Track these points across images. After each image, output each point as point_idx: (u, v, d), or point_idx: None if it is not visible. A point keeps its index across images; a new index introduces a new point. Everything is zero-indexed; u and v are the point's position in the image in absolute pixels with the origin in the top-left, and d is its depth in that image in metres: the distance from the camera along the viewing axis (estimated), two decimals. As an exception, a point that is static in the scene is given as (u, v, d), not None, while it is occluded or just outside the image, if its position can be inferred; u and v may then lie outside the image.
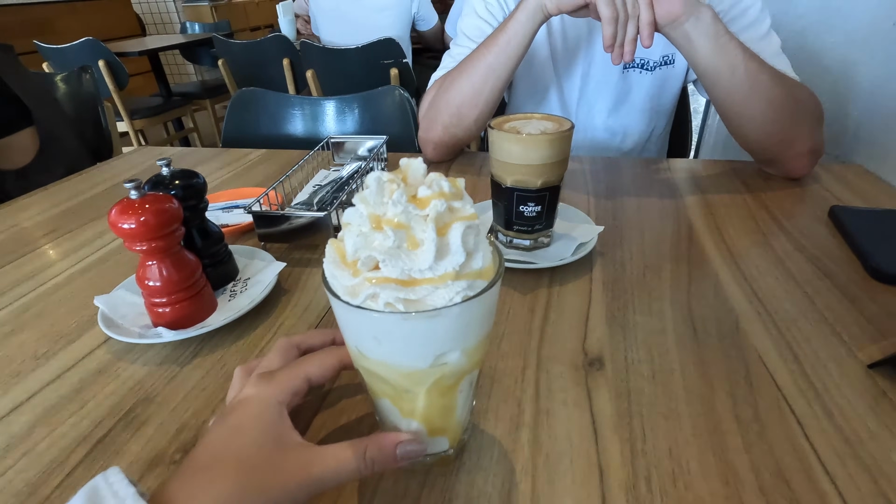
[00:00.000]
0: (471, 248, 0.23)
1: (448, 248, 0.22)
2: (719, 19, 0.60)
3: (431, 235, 0.22)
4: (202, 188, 0.48)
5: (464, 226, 0.22)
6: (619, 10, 0.59)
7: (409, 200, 0.23)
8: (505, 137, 0.47)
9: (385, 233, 0.22)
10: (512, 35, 0.68)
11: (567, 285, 0.50)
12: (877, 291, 0.47)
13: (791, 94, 0.63)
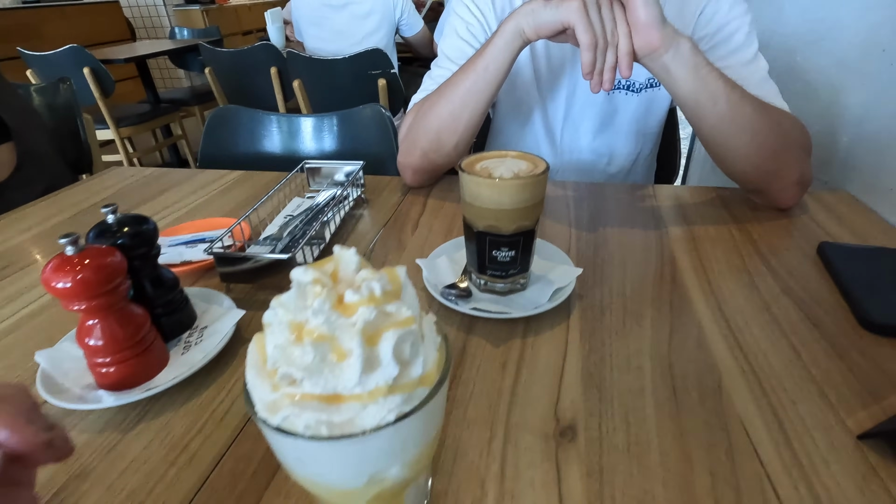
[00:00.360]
0: (406, 357, 0.20)
1: (378, 361, 0.20)
2: (699, 50, 0.57)
3: (358, 350, 0.19)
4: (152, 234, 0.45)
5: (397, 335, 0.20)
6: (598, 36, 0.56)
7: (335, 306, 0.20)
8: (475, 181, 0.44)
9: (304, 347, 0.19)
10: (490, 60, 0.65)
11: (542, 335, 0.47)
12: (867, 344, 0.44)
13: (776, 124, 0.61)
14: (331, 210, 0.66)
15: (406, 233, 0.67)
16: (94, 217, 0.78)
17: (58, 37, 3.64)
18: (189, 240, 0.64)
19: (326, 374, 0.19)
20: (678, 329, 0.47)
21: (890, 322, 0.45)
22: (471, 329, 0.48)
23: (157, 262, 0.46)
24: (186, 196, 0.84)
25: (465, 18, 0.79)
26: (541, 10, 0.58)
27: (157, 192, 0.86)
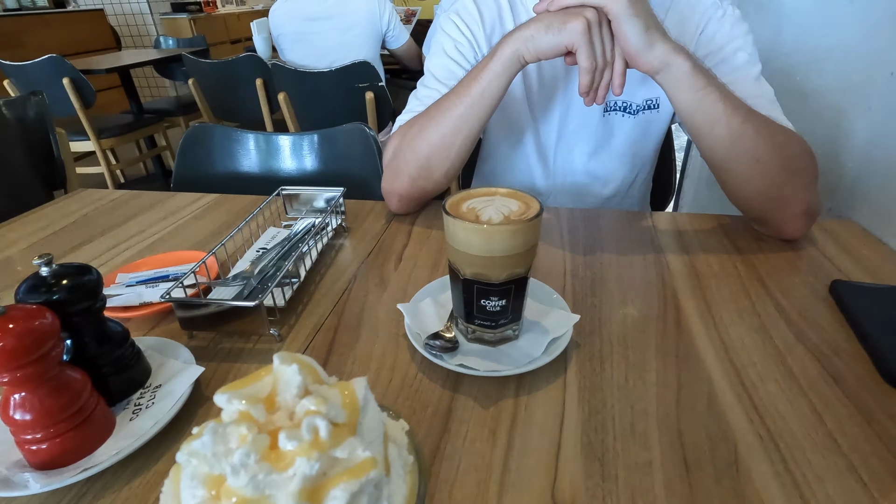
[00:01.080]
0: (362, 513, 0.15)
1: (324, 526, 0.15)
2: (698, 72, 0.54)
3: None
4: (95, 286, 0.40)
5: (349, 491, 0.15)
6: (598, 59, 0.55)
7: (264, 457, 0.15)
8: (461, 226, 0.40)
9: (221, 516, 0.14)
10: (486, 85, 0.61)
11: (537, 393, 0.42)
12: (893, 403, 0.40)
13: (781, 149, 0.57)
14: (308, 242, 0.61)
15: (388, 268, 0.62)
16: (53, 246, 0.72)
17: (40, 46, 3.56)
18: (151, 277, 0.59)
19: (253, 548, 0.14)
20: (686, 385, 0.43)
21: (918, 379, 0.41)
22: (457, 386, 0.43)
23: (101, 315, 0.41)
24: (156, 223, 0.78)
25: (454, 36, 0.75)
26: (542, 36, 0.56)
27: (125, 217, 0.81)
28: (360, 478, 0.15)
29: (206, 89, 2.34)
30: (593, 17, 0.53)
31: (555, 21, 0.55)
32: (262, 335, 0.50)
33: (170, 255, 0.64)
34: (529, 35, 0.57)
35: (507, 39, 0.59)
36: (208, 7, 5.56)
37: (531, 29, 0.57)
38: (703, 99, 0.55)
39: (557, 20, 0.55)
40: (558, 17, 0.55)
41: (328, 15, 1.82)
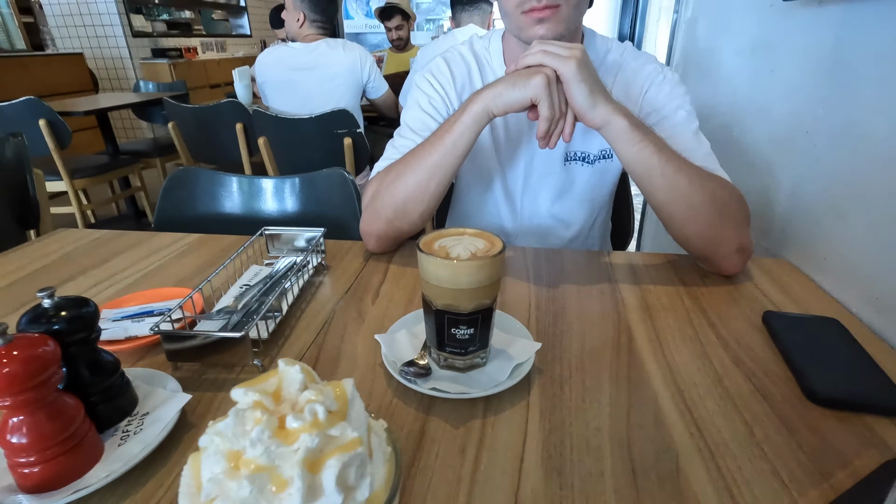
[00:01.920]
0: (351, 482, 0.19)
1: (321, 490, 0.19)
2: (636, 128, 0.63)
3: (299, 482, 0.18)
4: (92, 318, 0.43)
5: (341, 461, 0.19)
6: (556, 110, 0.63)
7: (275, 433, 0.19)
8: (433, 262, 0.45)
9: (240, 481, 0.18)
10: (458, 136, 0.68)
11: (502, 414, 0.46)
12: (814, 417, 0.46)
13: (713, 196, 0.65)
14: (289, 279, 0.65)
15: (366, 303, 0.66)
16: (34, 285, 0.74)
17: (17, 87, 3.57)
18: (136, 312, 0.61)
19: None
20: (636, 405, 0.47)
21: (831, 395, 0.47)
22: (430, 409, 0.47)
23: (96, 345, 0.44)
24: (138, 261, 0.80)
25: (428, 93, 0.83)
26: (509, 91, 0.63)
27: (106, 256, 0.83)
28: (350, 452, 0.19)
29: (186, 132, 2.38)
30: (552, 74, 0.61)
31: (519, 79, 0.63)
32: (246, 366, 0.53)
33: (154, 291, 0.67)
34: (497, 92, 0.65)
35: (477, 96, 0.67)
36: (189, 53, 5.69)
37: (499, 87, 0.65)
38: (640, 151, 0.63)
39: (522, 77, 0.63)
40: (523, 75, 0.63)
41: (312, 65, 1.92)
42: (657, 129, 0.76)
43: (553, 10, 0.68)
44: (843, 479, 0.40)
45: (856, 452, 0.42)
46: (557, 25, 0.69)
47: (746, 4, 1.01)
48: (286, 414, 0.20)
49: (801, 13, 0.81)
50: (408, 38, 2.94)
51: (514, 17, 0.72)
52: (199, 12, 6.30)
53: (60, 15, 4.77)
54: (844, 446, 0.43)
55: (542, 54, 0.62)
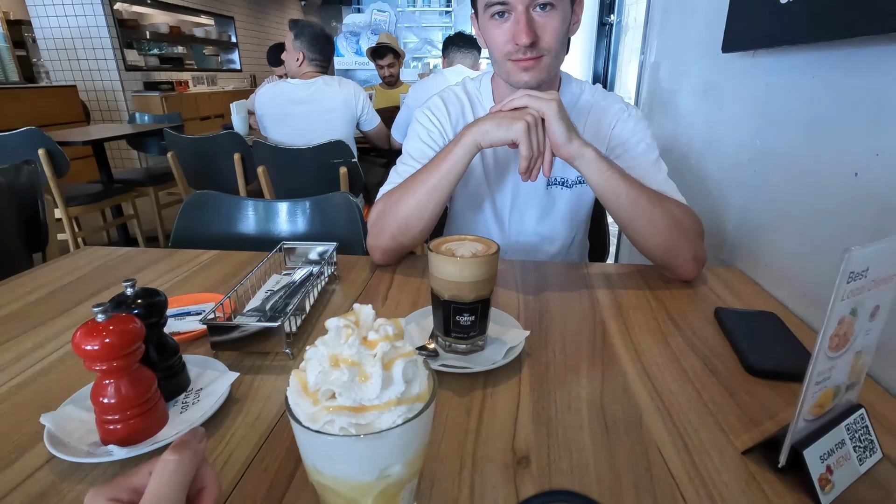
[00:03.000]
0: (409, 377, 0.29)
1: (391, 380, 0.28)
2: (602, 158, 0.75)
3: (378, 371, 0.28)
4: (163, 306, 0.52)
5: (404, 362, 0.29)
6: (534, 150, 0.74)
7: (362, 343, 0.29)
8: (442, 259, 0.55)
9: (341, 370, 0.28)
10: (451, 164, 0.80)
11: (499, 386, 0.56)
12: (751, 385, 0.57)
13: (669, 214, 0.78)
14: (308, 286, 0.74)
15: (377, 305, 0.76)
16: (71, 295, 0.81)
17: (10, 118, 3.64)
18: (176, 313, 0.70)
19: (355, 390, 0.28)
20: (608, 378, 0.58)
21: (765, 367, 0.58)
22: (439, 383, 0.56)
23: (163, 330, 0.53)
24: (164, 274, 0.89)
25: (427, 127, 0.95)
26: (494, 130, 0.75)
27: (134, 269, 0.91)
28: (409, 357, 0.29)
29: (184, 162, 2.48)
30: (532, 120, 0.73)
31: (504, 120, 0.74)
32: (278, 353, 0.62)
33: (187, 296, 0.76)
34: (485, 129, 0.76)
35: (468, 130, 0.78)
36: (180, 87, 5.83)
37: (486, 124, 0.77)
38: (608, 178, 0.75)
39: (506, 120, 0.74)
40: (507, 117, 0.75)
41: (310, 100, 2.05)
42: (623, 157, 0.89)
43: (536, 60, 0.81)
44: (770, 426, 0.50)
45: (781, 409, 0.53)
46: (540, 73, 0.82)
47: (698, 53, 1.18)
48: (366, 333, 0.30)
49: (739, 62, 0.96)
50: (398, 75, 3.12)
51: (502, 64, 0.85)
52: (191, 47, 6.49)
53: (55, 49, 4.89)
54: (773, 405, 0.53)
55: (527, 98, 0.74)
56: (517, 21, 0.79)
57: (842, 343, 0.41)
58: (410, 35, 4.75)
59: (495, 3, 0.79)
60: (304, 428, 0.28)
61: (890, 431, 0.49)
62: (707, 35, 1.09)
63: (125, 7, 5.23)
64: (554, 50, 0.82)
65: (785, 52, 0.81)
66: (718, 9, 0.98)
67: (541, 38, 0.80)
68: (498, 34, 0.82)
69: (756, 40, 0.84)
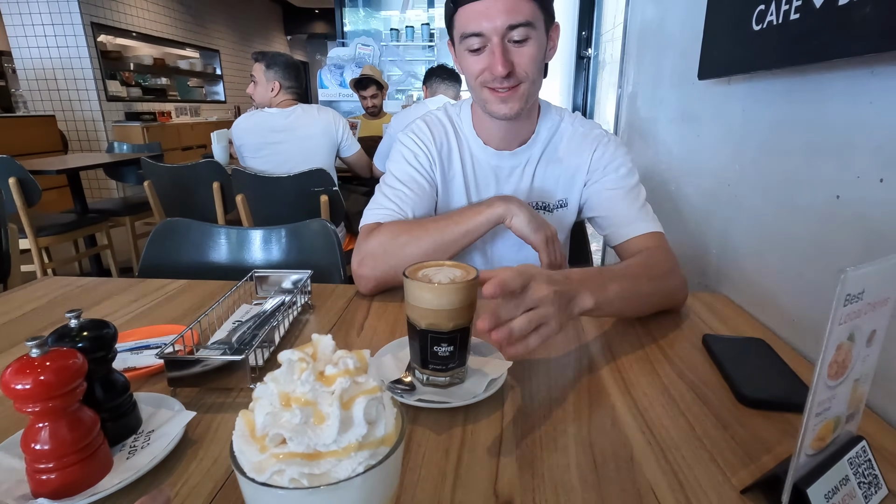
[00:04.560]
0: (373, 417, 0.26)
1: (351, 421, 0.25)
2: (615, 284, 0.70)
3: (336, 411, 0.24)
4: (111, 339, 0.47)
5: (367, 399, 0.25)
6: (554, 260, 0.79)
7: (317, 378, 0.25)
8: (418, 286, 0.52)
9: (293, 411, 0.24)
10: (472, 228, 0.80)
11: (480, 422, 0.52)
12: (744, 416, 0.54)
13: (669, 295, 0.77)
14: (279, 316, 0.70)
15: (352, 335, 0.72)
16: (24, 328, 0.76)
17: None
18: (134, 346, 0.65)
19: (309, 434, 0.24)
20: (596, 411, 0.54)
21: (757, 397, 0.55)
22: (416, 419, 0.52)
23: (111, 365, 0.48)
24: (127, 304, 0.84)
25: (413, 150, 0.94)
26: (523, 223, 0.78)
27: (93, 301, 0.86)
28: (373, 394, 0.26)
29: (162, 191, 2.43)
30: (551, 234, 0.78)
31: (534, 222, 0.78)
32: (242, 389, 0.57)
33: (148, 328, 0.71)
34: (516, 213, 0.79)
35: (502, 203, 0.80)
36: (163, 117, 5.82)
37: (521, 212, 0.79)
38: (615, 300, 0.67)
39: (536, 224, 0.78)
40: (537, 221, 0.78)
41: (289, 127, 2.04)
42: (602, 182, 0.89)
43: (513, 89, 0.81)
44: (767, 461, 0.47)
45: (778, 441, 0.50)
46: (518, 102, 0.82)
47: (674, 82, 1.20)
48: (324, 367, 0.26)
49: (715, 89, 0.98)
50: (381, 106, 3.15)
51: (479, 91, 0.84)
52: (175, 79, 6.51)
53: (35, 79, 4.85)
54: (768, 436, 0.50)
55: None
56: (492, 52, 0.78)
57: (840, 370, 0.39)
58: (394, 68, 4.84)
59: (470, 35, 0.79)
60: (248, 480, 0.24)
61: (893, 464, 0.47)
62: (682, 65, 1.11)
63: (109, 39, 5.25)
64: (531, 76, 0.82)
65: (760, 78, 0.83)
66: (693, 39, 1.00)
67: (517, 67, 0.80)
68: (474, 63, 0.82)
69: (730, 67, 0.86)
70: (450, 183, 0.96)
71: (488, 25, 0.76)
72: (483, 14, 0.76)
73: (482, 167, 0.96)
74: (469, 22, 0.78)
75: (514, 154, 0.94)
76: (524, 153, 0.94)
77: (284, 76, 2.09)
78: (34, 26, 4.73)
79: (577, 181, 0.94)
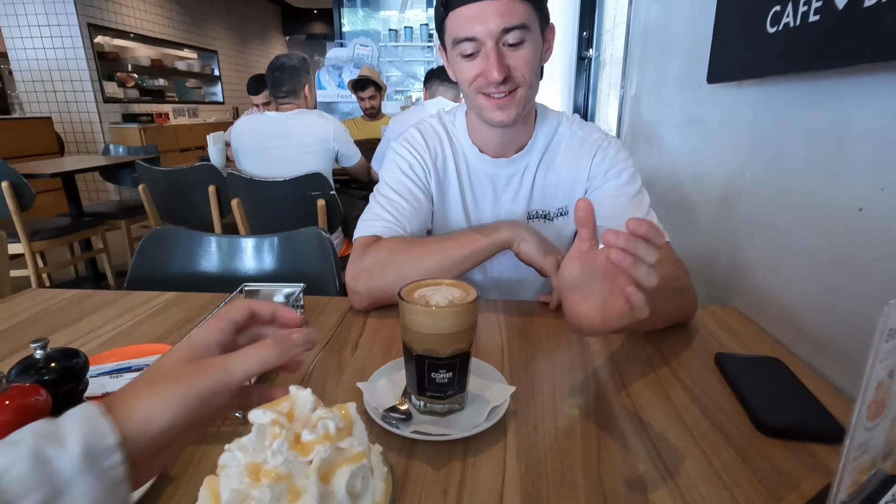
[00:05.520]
0: (358, 490, 0.22)
1: (332, 496, 0.21)
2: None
3: (314, 486, 0.21)
4: (81, 369, 0.44)
5: (350, 470, 0.22)
6: None
7: (292, 446, 0.22)
8: (414, 309, 0.49)
9: (262, 488, 0.21)
10: (477, 251, 0.77)
11: (481, 455, 0.49)
12: (764, 446, 0.50)
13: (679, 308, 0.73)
14: (270, 333, 0.66)
15: (345, 354, 0.68)
16: (3, 346, 0.72)
17: (-24, 149, 3.52)
18: (114, 369, 0.61)
19: (282, 514, 0.21)
20: (606, 442, 0.51)
21: (777, 426, 0.52)
22: (412, 452, 0.49)
23: (82, 398, 0.44)
24: (113, 319, 0.80)
25: (407, 159, 0.90)
26: (532, 249, 0.77)
27: (79, 315, 0.82)
28: (357, 463, 0.22)
29: (157, 195, 2.39)
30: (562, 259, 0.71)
31: (543, 246, 0.76)
32: (228, 417, 0.54)
33: (131, 347, 0.67)
34: (525, 238, 0.77)
35: (508, 227, 0.78)
36: (160, 118, 5.78)
37: (530, 237, 0.77)
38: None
39: (545, 248, 0.76)
40: (546, 246, 0.76)
41: (285, 132, 2.00)
42: (603, 189, 0.86)
43: (510, 95, 0.77)
44: (794, 501, 0.43)
45: (803, 477, 0.46)
46: (515, 108, 0.78)
47: (679, 85, 1.16)
48: (301, 430, 0.23)
49: (723, 93, 0.94)
50: (379, 108, 3.11)
51: (473, 98, 0.81)
52: (172, 80, 6.48)
53: (31, 81, 4.81)
54: (793, 472, 0.47)
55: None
56: (487, 57, 0.75)
57: (878, 410, 0.35)
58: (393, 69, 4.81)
59: (463, 40, 0.76)
60: (211, 568, 0.20)
61: (928, 504, 0.43)
62: (688, 67, 1.07)
63: (106, 40, 5.21)
64: (528, 80, 0.78)
65: (773, 83, 0.79)
66: (699, 42, 0.97)
67: (513, 72, 0.76)
68: (468, 68, 0.78)
69: (743, 70, 0.82)
70: (445, 192, 0.93)
71: (482, 29, 0.72)
72: (476, 18, 0.72)
73: (478, 176, 0.92)
74: (461, 26, 0.74)
75: (512, 161, 0.90)
76: (522, 160, 0.90)
77: (272, 85, 2.06)
78: (30, 27, 4.69)
79: (578, 188, 0.91)
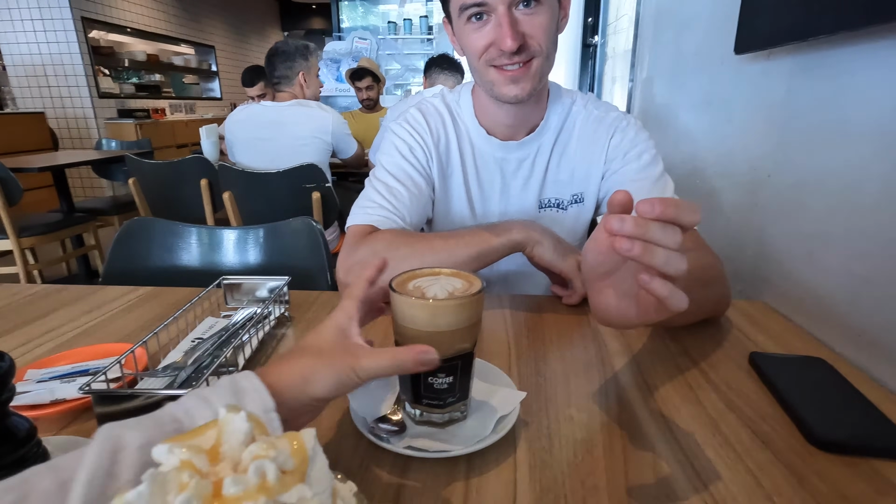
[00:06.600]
0: (309, 568, 0.15)
1: (267, 582, 0.14)
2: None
3: (235, 570, 0.13)
4: (5, 375, 0.36)
5: (295, 538, 0.14)
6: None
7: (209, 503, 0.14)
8: (408, 302, 0.41)
9: (152, 574, 0.13)
10: (484, 253, 0.69)
11: (487, 475, 0.41)
12: (820, 464, 0.43)
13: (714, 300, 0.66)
14: (248, 331, 0.59)
15: (333, 355, 0.61)
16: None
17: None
18: (67, 372, 0.54)
19: None
20: (632, 457, 0.43)
21: (835, 439, 0.44)
22: (406, 471, 0.41)
23: (7, 408, 0.37)
24: (78, 317, 0.73)
25: (407, 141, 0.82)
26: (548, 251, 0.69)
27: (42, 312, 0.75)
28: (307, 525, 0.15)
29: (147, 189, 2.32)
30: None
31: (560, 248, 0.69)
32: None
33: (91, 348, 0.60)
34: (539, 241, 0.69)
35: (520, 227, 0.70)
36: (157, 114, 5.70)
37: (545, 239, 0.70)
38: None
39: (563, 249, 0.69)
40: (564, 247, 0.69)
41: (280, 122, 1.92)
42: (623, 171, 0.78)
43: (525, 66, 0.69)
44: (864, 531, 0.36)
45: (871, 501, 0.39)
46: (530, 82, 0.71)
47: (698, 63, 1.08)
48: (224, 476, 0.15)
49: (750, 67, 0.86)
50: (377, 100, 3.03)
51: (483, 72, 0.73)
52: (169, 75, 6.39)
53: (24, 76, 4.74)
54: (855, 492, 0.39)
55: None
56: (499, 24, 0.67)
57: None
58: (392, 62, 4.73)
59: (472, 5, 0.68)
60: None
61: None
62: (708, 43, 0.99)
63: (101, 35, 5.12)
64: (545, 50, 0.70)
65: (809, 50, 0.71)
66: (721, 12, 0.89)
67: (529, 39, 0.68)
68: (477, 38, 0.70)
69: (780, 34, 0.73)
70: (448, 179, 0.85)
71: None
72: None
73: (485, 160, 0.85)
74: None
75: (522, 144, 0.82)
76: (533, 143, 0.83)
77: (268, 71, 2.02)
78: (23, 21, 4.60)
79: (594, 173, 0.83)
